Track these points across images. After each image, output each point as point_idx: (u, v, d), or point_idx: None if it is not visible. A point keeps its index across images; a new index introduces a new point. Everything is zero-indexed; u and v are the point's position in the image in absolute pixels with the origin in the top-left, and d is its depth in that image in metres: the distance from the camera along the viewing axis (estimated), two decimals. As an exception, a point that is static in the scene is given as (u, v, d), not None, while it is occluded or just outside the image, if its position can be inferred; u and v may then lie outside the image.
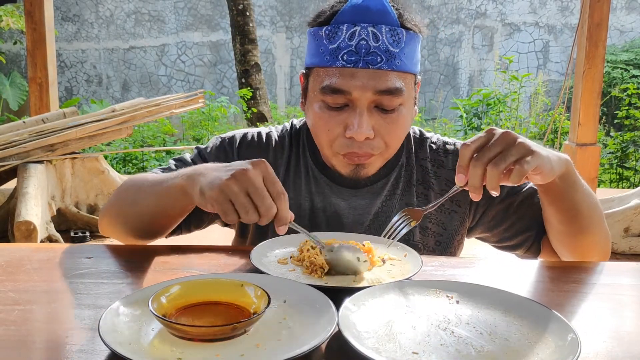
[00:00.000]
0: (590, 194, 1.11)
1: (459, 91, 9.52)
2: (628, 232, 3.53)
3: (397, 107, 1.10)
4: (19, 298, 0.87)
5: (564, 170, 1.02)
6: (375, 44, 1.06)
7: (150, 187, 1.09)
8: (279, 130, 1.30)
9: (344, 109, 1.10)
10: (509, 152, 0.89)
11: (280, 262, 1.00)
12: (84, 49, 9.79)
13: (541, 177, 0.96)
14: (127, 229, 1.17)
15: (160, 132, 7.24)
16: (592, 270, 1.06)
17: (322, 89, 1.09)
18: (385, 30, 1.06)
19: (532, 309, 0.80)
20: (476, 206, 1.24)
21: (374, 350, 0.70)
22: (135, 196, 1.13)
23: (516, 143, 0.90)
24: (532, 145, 0.92)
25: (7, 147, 3.63)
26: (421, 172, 1.25)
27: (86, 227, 3.93)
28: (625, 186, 6.41)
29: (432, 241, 1.24)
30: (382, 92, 1.07)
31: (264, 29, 9.55)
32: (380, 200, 1.22)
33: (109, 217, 1.20)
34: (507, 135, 0.91)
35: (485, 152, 0.90)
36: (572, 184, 1.05)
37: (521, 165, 0.89)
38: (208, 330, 0.72)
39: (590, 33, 4.28)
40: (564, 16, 9.26)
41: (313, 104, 1.14)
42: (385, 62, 1.06)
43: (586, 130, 4.47)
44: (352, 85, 1.07)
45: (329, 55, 1.08)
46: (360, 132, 1.07)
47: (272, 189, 0.87)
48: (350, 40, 1.06)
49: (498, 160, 0.89)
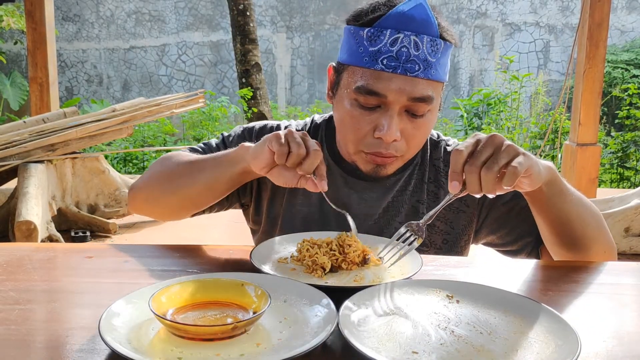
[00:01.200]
0: (583, 204, 1.11)
1: (459, 91, 9.52)
2: (629, 232, 3.53)
3: (426, 114, 1.13)
4: (19, 297, 0.87)
5: (549, 177, 1.03)
6: (416, 53, 1.08)
7: (203, 161, 1.19)
8: (300, 124, 1.34)
9: (375, 109, 1.12)
10: (500, 155, 0.90)
11: (280, 261, 1.01)
12: (85, 49, 9.79)
13: (530, 181, 0.96)
14: (171, 202, 1.22)
15: (161, 132, 7.24)
16: (592, 270, 1.06)
17: (357, 88, 1.11)
18: (426, 40, 1.09)
19: (532, 309, 0.80)
20: (482, 207, 1.25)
21: (374, 350, 0.70)
22: (185, 169, 1.20)
23: (504, 146, 0.91)
24: (519, 148, 0.93)
25: (8, 147, 3.63)
26: (434, 171, 1.27)
27: (87, 227, 3.93)
28: (625, 186, 6.40)
29: (439, 239, 1.25)
30: (416, 99, 1.10)
31: (265, 28, 9.54)
32: (392, 195, 1.24)
33: (147, 192, 1.26)
34: (495, 139, 0.92)
35: (477, 157, 0.90)
36: (558, 192, 1.06)
37: (514, 167, 0.89)
38: (208, 329, 0.72)
39: (591, 33, 4.28)
40: (564, 16, 9.25)
41: (344, 100, 1.15)
42: (423, 70, 1.09)
43: (587, 130, 4.47)
44: (389, 89, 1.09)
45: (369, 57, 1.10)
46: (389, 134, 1.10)
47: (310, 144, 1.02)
48: (392, 46, 1.08)
49: (490, 163, 0.89)
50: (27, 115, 6.92)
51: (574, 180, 4.44)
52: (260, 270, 0.92)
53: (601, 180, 6.39)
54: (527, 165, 0.91)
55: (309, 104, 9.39)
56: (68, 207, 3.94)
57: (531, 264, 1.11)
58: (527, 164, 0.91)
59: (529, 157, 0.93)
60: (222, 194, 1.20)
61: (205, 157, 1.20)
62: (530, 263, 1.13)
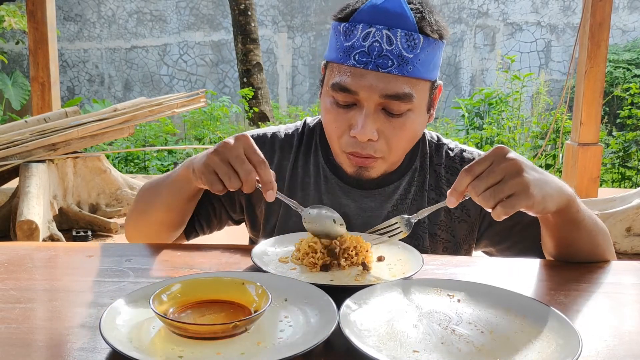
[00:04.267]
0: (595, 226, 1.07)
1: (460, 91, 9.51)
2: (630, 232, 3.53)
3: (405, 113, 1.09)
4: (20, 296, 0.87)
5: (563, 206, 0.97)
6: (389, 48, 1.04)
7: (160, 184, 1.19)
8: (290, 128, 1.30)
9: (351, 107, 1.09)
10: (504, 186, 0.85)
11: (281, 260, 1.01)
12: (86, 49, 9.80)
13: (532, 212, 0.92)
14: (150, 227, 1.23)
15: (162, 132, 7.24)
16: (593, 269, 1.06)
17: (332, 85, 1.09)
18: (400, 34, 1.04)
19: (533, 308, 0.80)
20: (484, 218, 1.22)
21: (375, 349, 0.70)
22: (149, 197, 1.22)
23: (516, 176, 0.86)
24: (532, 184, 0.86)
25: (9, 147, 3.63)
26: (434, 178, 1.23)
27: (88, 226, 3.93)
28: (627, 186, 6.39)
29: (439, 247, 1.22)
30: (390, 97, 1.06)
31: (266, 28, 9.54)
32: (391, 204, 1.20)
33: (133, 222, 1.27)
34: (510, 166, 0.86)
35: (482, 181, 0.86)
36: (569, 220, 1.01)
37: (503, 206, 0.85)
38: (209, 328, 0.72)
39: (592, 33, 4.27)
40: (566, 16, 9.24)
41: (325, 98, 1.14)
42: (397, 66, 1.04)
43: (588, 129, 4.46)
44: (360, 86, 1.05)
45: (343, 52, 1.08)
46: (363, 133, 1.06)
47: (253, 157, 0.95)
48: (364, 41, 1.05)
49: (490, 193, 0.85)
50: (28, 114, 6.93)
51: (575, 180, 4.44)
52: (261, 269, 0.92)
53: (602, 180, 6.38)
54: (520, 207, 0.86)
55: (310, 104, 9.39)
56: (69, 207, 3.94)
57: (532, 264, 1.11)
58: (521, 205, 0.86)
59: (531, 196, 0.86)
60: (187, 211, 1.19)
61: (162, 181, 1.19)
62: (531, 262, 1.12)
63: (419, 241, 1.20)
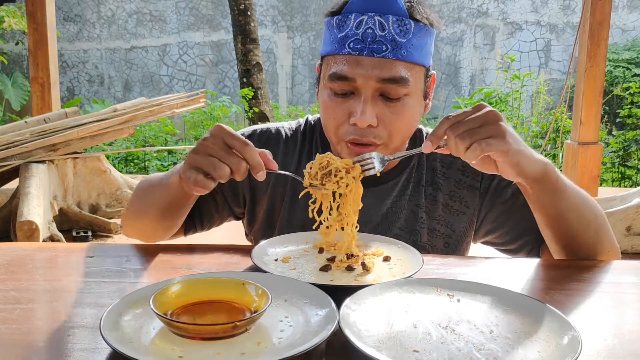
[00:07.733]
0: (585, 203, 1.09)
1: (460, 90, 9.51)
2: (630, 231, 3.53)
3: (403, 97, 1.11)
4: (20, 297, 0.87)
5: (540, 170, 0.99)
6: (382, 33, 1.08)
7: (154, 188, 1.18)
8: (293, 125, 1.32)
9: (349, 96, 1.11)
10: (481, 130, 0.90)
11: (283, 260, 1.01)
12: (86, 49, 9.80)
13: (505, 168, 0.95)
14: (145, 227, 1.23)
15: (162, 132, 7.24)
16: (593, 268, 1.06)
17: (329, 76, 1.12)
18: (392, 20, 1.08)
19: (533, 307, 0.80)
20: (481, 206, 1.23)
21: (375, 349, 0.70)
22: (144, 199, 1.21)
23: (494, 124, 0.91)
24: (509, 134, 0.92)
25: (9, 147, 3.63)
26: (431, 173, 1.25)
27: (88, 226, 3.93)
28: (627, 185, 6.39)
29: (440, 243, 1.23)
30: (387, 81, 1.08)
31: (266, 28, 9.54)
32: (390, 200, 1.22)
33: (129, 219, 1.27)
34: (489, 115, 0.92)
35: (461, 124, 0.91)
36: (551, 190, 1.03)
37: (479, 144, 0.89)
38: (209, 328, 0.72)
39: (592, 32, 4.27)
40: (565, 15, 9.24)
41: (322, 92, 1.16)
42: (391, 51, 1.08)
43: (588, 129, 4.46)
44: (357, 73, 1.08)
45: (338, 43, 1.11)
46: (363, 119, 1.08)
47: (235, 143, 0.92)
48: (357, 29, 1.08)
49: (466, 135, 0.90)
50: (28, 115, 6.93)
51: (576, 179, 4.43)
52: (261, 269, 0.92)
53: (602, 179, 6.38)
54: (496, 149, 0.90)
55: (310, 104, 9.39)
56: (69, 207, 3.94)
57: (532, 263, 1.11)
58: (497, 147, 0.90)
59: (506, 143, 0.91)
60: (181, 216, 1.18)
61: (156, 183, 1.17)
62: (531, 262, 1.12)
63: (416, 236, 1.21)
